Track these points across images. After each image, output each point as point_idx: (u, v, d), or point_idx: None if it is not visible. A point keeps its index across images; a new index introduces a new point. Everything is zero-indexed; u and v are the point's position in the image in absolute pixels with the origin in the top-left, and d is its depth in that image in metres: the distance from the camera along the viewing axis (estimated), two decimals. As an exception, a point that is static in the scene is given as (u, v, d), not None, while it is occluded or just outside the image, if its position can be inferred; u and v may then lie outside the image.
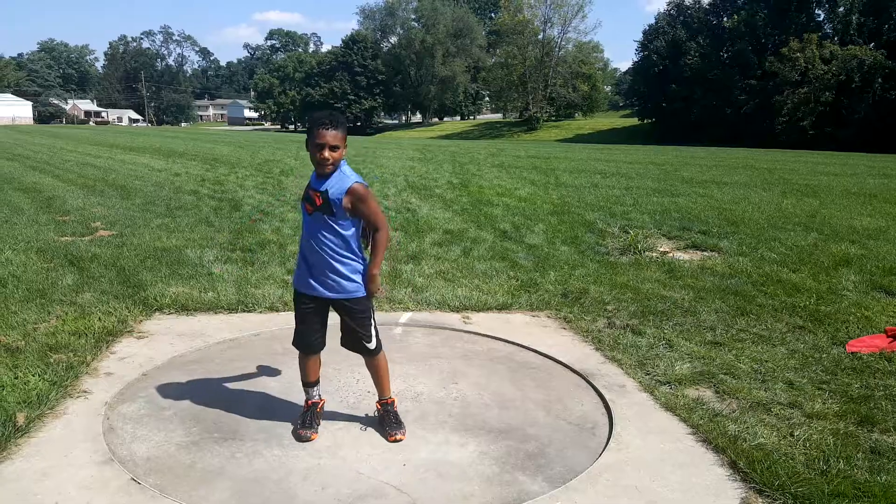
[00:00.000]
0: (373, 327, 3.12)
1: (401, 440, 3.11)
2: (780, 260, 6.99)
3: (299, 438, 3.10)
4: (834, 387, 3.77)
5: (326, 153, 2.85)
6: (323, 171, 2.91)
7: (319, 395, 3.27)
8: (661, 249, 7.48)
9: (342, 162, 2.94)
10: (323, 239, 2.97)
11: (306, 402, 3.24)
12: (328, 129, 2.85)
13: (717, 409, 3.45)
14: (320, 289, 3.02)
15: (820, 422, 3.33)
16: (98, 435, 3.07)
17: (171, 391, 3.58)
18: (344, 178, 2.92)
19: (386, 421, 3.19)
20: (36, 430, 3.08)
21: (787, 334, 4.70)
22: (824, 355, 4.29)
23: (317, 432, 3.15)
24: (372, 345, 3.13)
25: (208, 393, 3.59)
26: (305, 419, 3.18)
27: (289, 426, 3.22)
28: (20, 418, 3.11)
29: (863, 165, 23.04)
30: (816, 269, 6.63)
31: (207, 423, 3.24)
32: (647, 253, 7.23)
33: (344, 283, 3.01)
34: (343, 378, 3.81)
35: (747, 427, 3.23)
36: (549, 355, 4.25)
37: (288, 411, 3.37)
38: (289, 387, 3.68)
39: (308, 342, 3.15)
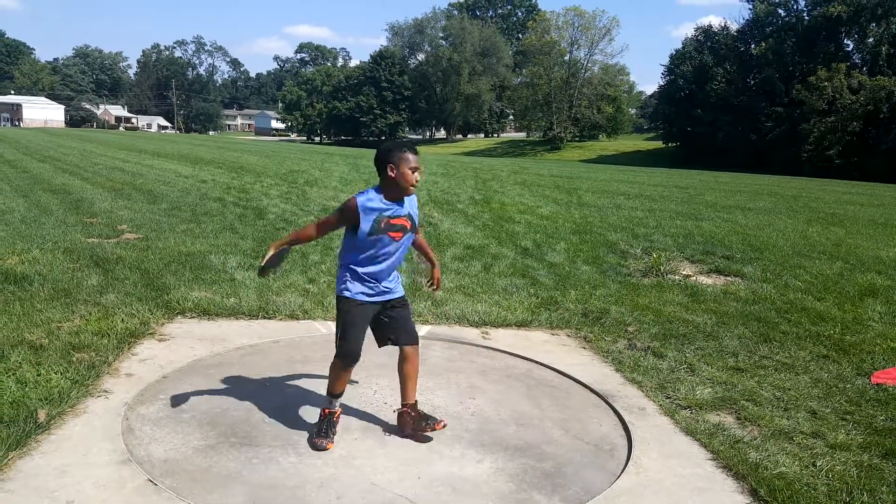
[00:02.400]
0: None
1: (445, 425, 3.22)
2: (804, 288, 6.88)
3: (315, 447, 3.10)
4: (858, 418, 3.69)
5: (419, 175, 3.06)
6: (410, 193, 3.09)
7: (339, 405, 3.27)
8: (684, 273, 7.40)
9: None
10: (405, 252, 3.22)
11: (324, 410, 3.23)
12: (416, 154, 3.05)
13: (738, 436, 3.38)
14: (393, 290, 3.24)
15: (843, 453, 3.25)
16: (117, 435, 3.09)
17: (190, 394, 3.61)
18: (413, 198, 3.15)
19: (421, 415, 3.26)
20: (56, 427, 3.12)
21: (811, 363, 4.61)
22: (849, 385, 4.19)
23: (333, 441, 3.15)
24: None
25: (226, 397, 3.61)
26: (322, 428, 3.18)
27: (305, 434, 3.22)
28: (41, 415, 3.15)
29: (889, 196, 22.66)
30: (842, 298, 6.51)
31: (224, 428, 3.25)
32: (669, 276, 7.15)
33: (400, 282, 3.33)
34: (360, 388, 3.81)
35: (769, 455, 3.16)
36: (568, 374, 4.21)
37: (304, 419, 3.38)
38: (306, 395, 3.69)
39: (360, 352, 3.19)
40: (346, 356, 3.15)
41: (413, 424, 3.24)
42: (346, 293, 3.12)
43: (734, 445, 3.25)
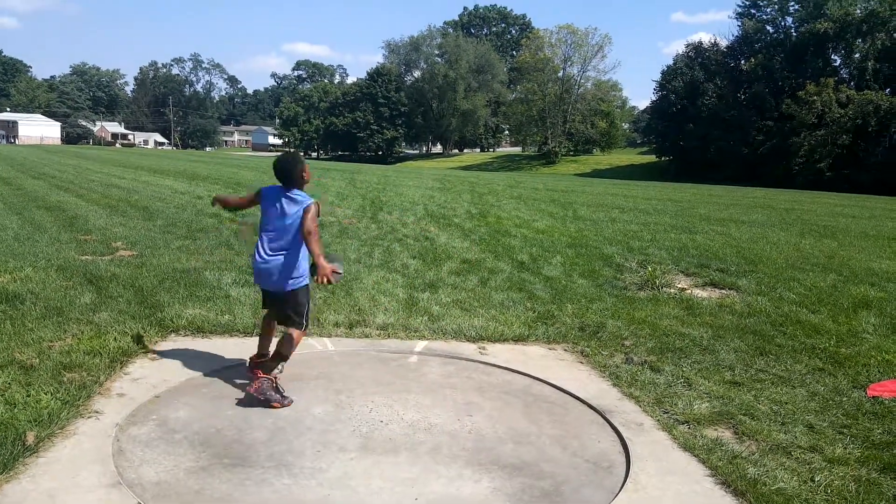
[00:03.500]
0: None
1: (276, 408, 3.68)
2: (798, 300, 6.88)
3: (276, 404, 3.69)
4: (855, 431, 3.67)
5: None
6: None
7: None
8: (679, 286, 7.40)
9: None
10: None
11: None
12: None
13: (736, 451, 3.36)
14: None
15: (841, 467, 3.23)
16: (107, 457, 3.04)
17: (182, 414, 3.57)
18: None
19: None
20: (45, 449, 3.07)
21: (807, 376, 4.60)
22: (845, 399, 4.18)
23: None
24: None
25: (220, 417, 3.57)
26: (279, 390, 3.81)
27: (299, 454, 3.18)
28: (30, 437, 3.10)
29: (880, 208, 22.82)
30: (836, 310, 6.51)
31: (217, 449, 3.21)
32: (665, 289, 7.15)
33: None
34: (356, 407, 3.77)
35: (767, 470, 3.14)
36: (565, 390, 4.18)
37: (299, 440, 3.34)
38: (301, 414, 3.65)
39: None
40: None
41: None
42: (307, 280, 3.92)
43: (732, 461, 3.23)
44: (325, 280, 3.61)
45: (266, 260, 3.82)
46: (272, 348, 4.10)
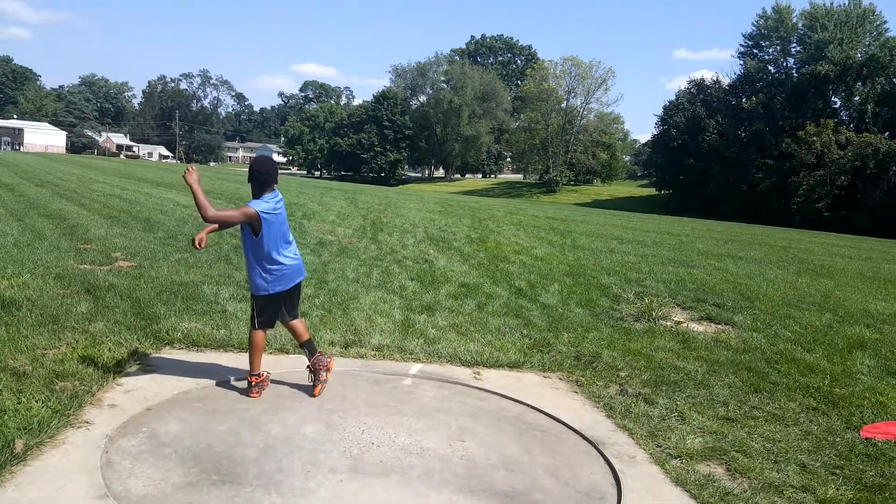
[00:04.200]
0: None
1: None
2: (794, 338, 6.89)
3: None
4: (848, 472, 3.66)
5: None
6: None
7: None
8: (676, 319, 7.41)
9: None
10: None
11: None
12: None
13: (728, 488, 3.34)
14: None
15: (835, 510, 3.21)
16: (95, 468, 3.02)
17: (173, 428, 3.55)
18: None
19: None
20: (33, 458, 3.05)
21: (801, 415, 4.59)
22: (838, 439, 4.17)
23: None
24: None
25: (210, 432, 3.55)
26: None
27: (289, 473, 3.16)
28: (18, 445, 3.08)
29: (877, 250, 22.91)
30: (831, 350, 6.52)
31: (207, 465, 3.19)
32: (661, 321, 7.15)
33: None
34: (348, 428, 3.76)
35: (760, 510, 3.11)
36: (559, 419, 4.16)
37: (289, 458, 3.32)
38: (292, 432, 3.63)
39: None
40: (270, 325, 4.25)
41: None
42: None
43: (724, 497, 3.21)
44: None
45: (298, 256, 4.23)
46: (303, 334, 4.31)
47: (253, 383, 4.11)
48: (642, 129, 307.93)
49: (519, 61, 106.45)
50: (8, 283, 6.22)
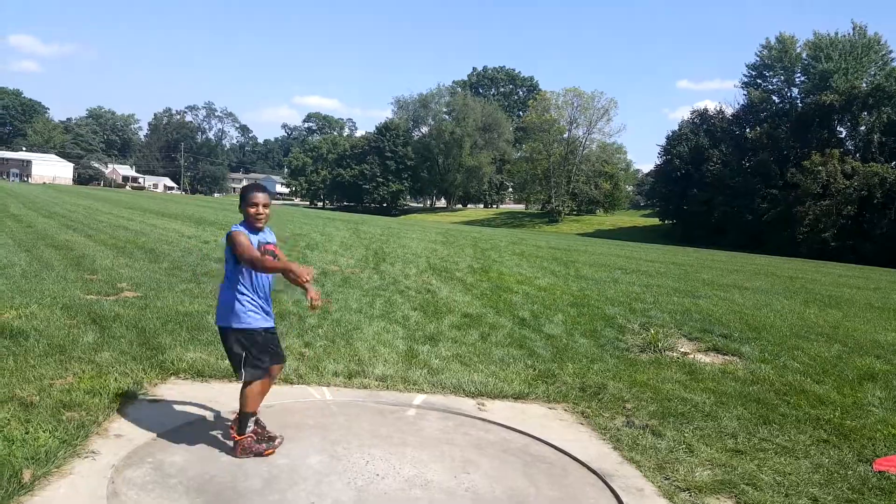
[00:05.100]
0: None
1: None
2: (803, 370, 6.83)
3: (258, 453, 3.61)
4: (862, 507, 3.60)
5: (263, 209, 3.58)
6: (261, 226, 3.63)
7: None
8: (682, 350, 7.37)
9: None
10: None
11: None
12: (263, 192, 3.62)
13: (739, 522, 3.29)
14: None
15: (849, 545, 3.15)
16: (101, 499, 3.01)
17: (178, 458, 3.53)
18: (270, 229, 3.77)
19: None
20: (40, 488, 3.04)
21: (811, 447, 4.54)
22: (850, 472, 4.11)
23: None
24: None
25: (216, 463, 3.53)
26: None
27: (294, 504, 3.13)
28: (26, 475, 3.08)
29: (886, 280, 22.81)
30: (840, 381, 6.46)
31: (210, 496, 3.17)
32: (667, 352, 7.12)
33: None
34: (352, 459, 3.73)
35: (771, 544, 3.07)
36: (565, 451, 4.13)
37: (293, 490, 3.29)
38: (296, 463, 3.61)
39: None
40: (275, 364, 3.72)
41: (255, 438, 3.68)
42: (243, 325, 3.61)
43: (735, 531, 3.16)
44: (306, 278, 3.25)
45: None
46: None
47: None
48: (645, 159, 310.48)
49: (521, 92, 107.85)
50: (16, 313, 6.25)
